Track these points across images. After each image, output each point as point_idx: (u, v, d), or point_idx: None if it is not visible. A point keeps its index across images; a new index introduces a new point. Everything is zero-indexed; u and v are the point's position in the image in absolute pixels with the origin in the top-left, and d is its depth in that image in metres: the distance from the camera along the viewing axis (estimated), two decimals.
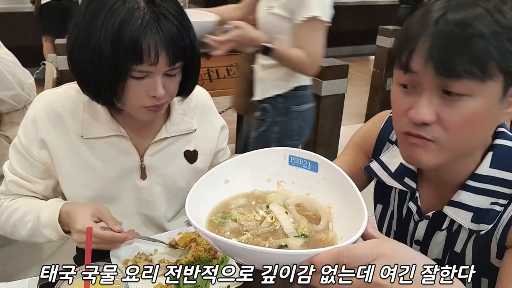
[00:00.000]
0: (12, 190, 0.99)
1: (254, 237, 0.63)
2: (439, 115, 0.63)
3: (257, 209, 0.68)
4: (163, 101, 0.89)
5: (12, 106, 1.77)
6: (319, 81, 2.27)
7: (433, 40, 0.60)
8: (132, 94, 0.85)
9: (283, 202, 0.69)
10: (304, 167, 0.71)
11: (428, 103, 0.63)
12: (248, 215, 0.67)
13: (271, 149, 0.74)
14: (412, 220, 0.83)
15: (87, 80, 0.86)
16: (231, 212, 0.67)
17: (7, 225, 0.98)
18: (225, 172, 0.72)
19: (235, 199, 0.71)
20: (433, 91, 0.63)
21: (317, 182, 0.69)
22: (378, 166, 0.86)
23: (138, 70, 0.81)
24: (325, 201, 0.68)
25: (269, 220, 0.66)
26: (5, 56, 1.73)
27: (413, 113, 0.64)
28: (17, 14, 4.47)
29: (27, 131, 0.96)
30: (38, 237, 0.94)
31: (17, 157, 0.97)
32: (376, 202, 0.94)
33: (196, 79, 0.97)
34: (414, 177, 0.81)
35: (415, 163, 0.72)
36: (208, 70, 2.54)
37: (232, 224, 0.65)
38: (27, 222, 0.94)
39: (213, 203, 0.69)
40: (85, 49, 0.81)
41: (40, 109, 0.96)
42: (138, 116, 0.92)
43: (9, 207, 0.97)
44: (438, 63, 0.60)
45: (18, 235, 0.98)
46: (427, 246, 0.81)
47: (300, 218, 0.66)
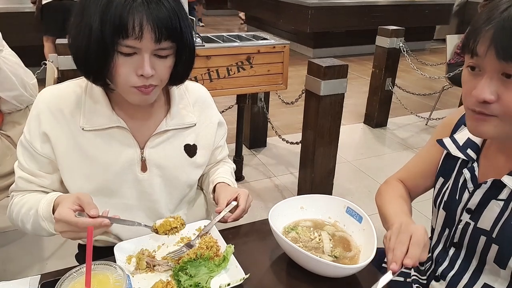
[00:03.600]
0: (22, 186, 1.01)
1: (303, 247, 0.94)
2: (499, 95, 0.73)
3: (314, 231, 1.00)
4: (151, 81, 0.88)
5: (14, 107, 1.77)
6: (318, 80, 2.27)
7: (496, 28, 0.70)
8: (121, 71, 0.86)
9: (332, 233, 1.00)
10: (354, 217, 1.00)
11: (489, 84, 0.73)
12: (306, 233, 0.99)
13: (337, 198, 1.05)
14: (467, 189, 0.90)
15: (81, 57, 0.87)
16: (298, 227, 1.00)
17: (17, 220, 1.00)
18: (301, 201, 1.06)
19: (305, 220, 1.04)
20: (494, 73, 0.72)
21: (358, 230, 0.98)
22: (449, 141, 0.97)
23: (125, 44, 0.82)
24: (359, 242, 0.96)
25: (317, 240, 0.97)
26: (9, 56, 1.73)
27: (476, 92, 0.74)
28: (18, 14, 4.47)
29: (31, 126, 0.98)
30: (40, 230, 0.95)
31: (24, 153, 1.00)
32: (439, 175, 1.01)
33: (189, 66, 0.97)
34: (476, 149, 0.92)
35: (477, 134, 0.81)
36: (208, 70, 2.54)
37: (293, 234, 0.99)
38: (30, 216, 0.95)
39: (290, 219, 1.03)
40: (79, 26, 0.85)
41: (42, 104, 0.98)
42: (129, 98, 0.92)
43: (19, 202, 0.99)
44: (499, 49, 0.69)
45: (26, 230, 0.99)
46: (479, 215, 0.87)
47: (339, 246, 0.96)
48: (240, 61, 2.68)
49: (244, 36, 3.18)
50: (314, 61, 2.34)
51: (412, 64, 3.93)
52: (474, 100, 0.75)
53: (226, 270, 0.89)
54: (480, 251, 0.87)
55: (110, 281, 0.71)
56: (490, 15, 0.72)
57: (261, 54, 2.74)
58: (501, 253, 0.82)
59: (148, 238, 0.96)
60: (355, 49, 7.04)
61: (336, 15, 6.35)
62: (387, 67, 3.78)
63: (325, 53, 6.67)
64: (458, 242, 0.92)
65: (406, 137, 3.80)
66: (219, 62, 2.58)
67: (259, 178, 3.01)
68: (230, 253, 0.89)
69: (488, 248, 0.84)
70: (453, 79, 3.75)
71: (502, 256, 0.82)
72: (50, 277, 0.83)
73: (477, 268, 0.88)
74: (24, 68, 1.82)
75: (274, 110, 3.97)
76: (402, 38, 3.71)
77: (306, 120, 2.49)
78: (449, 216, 0.94)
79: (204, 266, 0.88)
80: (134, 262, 0.90)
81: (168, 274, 0.88)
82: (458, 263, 0.93)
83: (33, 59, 2.98)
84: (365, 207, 0.99)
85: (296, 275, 0.88)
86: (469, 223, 0.89)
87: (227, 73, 2.65)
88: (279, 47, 2.81)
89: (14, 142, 1.79)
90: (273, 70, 2.81)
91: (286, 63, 2.83)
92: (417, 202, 1.14)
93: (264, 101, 3.23)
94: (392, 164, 3.21)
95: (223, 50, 2.62)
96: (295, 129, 3.67)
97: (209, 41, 2.79)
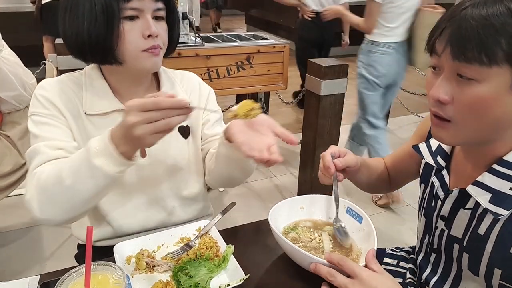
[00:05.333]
0: (49, 154, 0.89)
1: (303, 247, 0.94)
2: (454, 96, 0.70)
3: (314, 232, 1.00)
4: (158, 41, 0.93)
5: (14, 106, 1.77)
6: (318, 80, 2.27)
7: (454, 27, 0.68)
8: (129, 37, 0.90)
9: (333, 234, 0.98)
10: (354, 217, 0.99)
11: (445, 83, 0.71)
12: (306, 233, 0.99)
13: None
14: (439, 196, 0.89)
15: (85, 39, 0.89)
16: (297, 228, 1.00)
17: (47, 183, 0.84)
18: (301, 201, 1.05)
19: (304, 221, 1.03)
20: (451, 73, 0.70)
21: (358, 230, 0.97)
22: (424, 146, 0.95)
23: (130, 7, 0.89)
24: (359, 242, 0.95)
25: (317, 240, 0.97)
26: (8, 56, 1.73)
27: (432, 91, 0.73)
28: (17, 14, 4.48)
29: (44, 103, 0.95)
30: (86, 179, 0.80)
31: (41, 129, 0.93)
32: (421, 182, 1.00)
33: (178, 33, 1.04)
34: (445, 156, 0.90)
35: (438, 139, 0.80)
36: (208, 69, 2.54)
37: (293, 235, 0.98)
38: (74, 166, 0.81)
39: (289, 219, 1.02)
40: (77, 7, 0.88)
41: (48, 86, 0.98)
42: (141, 65, 0.94)
43: (47, 168, 0.87)
44: (454, 48, 0.68)
45: (62, 189, 0.82)
46: (451, 223, 0.86)
47: (339, 246, 0.95)
48: (240, 61, 2.68)
49: (244, 36, 3.18)
50: (314, 61, 2.34)
51: None
52: (431, 101, 0.74)
53: (226, 270, 0.88)
54: (456, 258, 0.86)
55: (109, 281, 0.71)
56: (452, 12, 0.70)
57: (261, 54, 2.74)
58: (472, 261, 0.81)
59: (148, 238, 0.96)
60: (355, 49, 7.04)
61: None
62: None
63: None
64: (437, 248, 0.92)
65: (407, 137, 3.78)
66: (219, 62, 2.58)
67: (259, 178, 3.01)
68: (230, 253, 0.89)
69: (461, 256, 0.84)
70: None
71: (473, 264, 0.81)
72: (50, 278, 0.83)
73: (457, 274, 0.87)
74: (24, 67, 1.82)
75: (274, 110, 3.97)
76: None
77: (306, 120, 2.49)
78: (428, 222, 0.94)
79: (203, 266, 0.88)
80: (134, 262, 0.89)
81: (167, 275, 0.87)
82: (440, 269, 0.92)
83: (32, 59, 2.98)
84: (365, 207, 0.99)
85: (296, 275, 0.88)
86: (444, 230, 0.88)
87: (227, 73, 2.65)
88: (279, 47, 2.81)
89: (13, 142, 1.79)
90: (273, 70, 2.81)
91: (286, 63, 2.83)
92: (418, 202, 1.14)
93: (264, 101, 3.23)
94: None
95: (223, 50, 2.62)
96: (295, 129, 3.67)
97: (209, 41, 2.79)
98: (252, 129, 0.87)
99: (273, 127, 0.87)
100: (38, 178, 0.85)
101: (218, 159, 1.01)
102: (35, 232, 2.32)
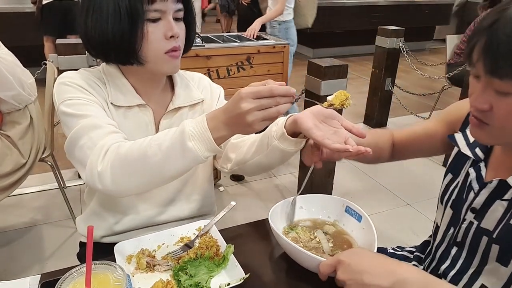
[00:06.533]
0: (110, 128, 0.91)
1: (303, 246, 0.94)
2: (492, 104, 0.72)
3: (314, 231, 1.00)
4: (179, 42, 0.96)
5: (13, 106, 1.77)
6: (318, 80, 2.27)
7: (486, 39, 0.67)
8: (152, 39, 0.92)
9: (333, 233, 0.99)
10: (354, 216, 0.99)
11: (483, 93, 0.72)
12: (306, 233, 0.99)
13: (337, 197, 1.04)
14: (472, 189, 0.89)
15: (109, 35, 0.90)
16: (297, 227, 1.00)
17: (130, 156, 0.82)
18: (301, 201, 1.04)
19: (304, 220, 1.04)
20: (487, 84, 0.71)
21: (358, 229, 0.97)
22: (461, 136, 0.95)
23: (154, 9, 0.90)
24: (359, 241, 0.96)
25: (317, 240, 0.97)
26: (6, 56, 1.73)
27: (472, 100, 0.75)
28: (18, 14, 4.48)
29: (78, 88, 0.95)
30: (176, 159, 0.80)
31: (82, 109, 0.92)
32: (448, 172, 1.00)
33: (194, 33, 1.06)
34: (485, 148, 0.90)
35: (475, 138, 0.82)
36: (208, 70, 2.54)
37: (293, 234, 0.98)
38: (158, 144, 0.81)
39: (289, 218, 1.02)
40: (100, 8, 0.89)
41: (73, 78, 0.97)
42: (162, 68, 0.97)
43: (125, 144, 0.85)
44: (487, 63, 0.68)
45: (144, 163, 0.82)
46: (483, 215, 0.86)
47: (339, 246, 0.96)
48: (240, 61, 2.69)
49: (244, 36, 3.18)
50: (314, 61, 2.35)
51: (412, 64, 3.93)
52: (471, 108, 0.76)
53: (226, 270, 0.89)
54: (482, 251, 0.86)
55: (110, 280, 0.71)
56: (489, 20, 0.69)
57: (261, 54, 2.74)
58: (502, 252, 0.82)
59: (148, 238, 0.96)
60: (355, 49, 7.04)
61: (336, 15, 6.35)
62: (387, 67, 3.78)
63: (325, 53, 6.67)
64: (460, 241, 0.92)
65: None
66: (219, 62, 2.58)
67: (259, 178, 3.01)
68: (230, 252, 0.89)
69: (489, 248, 0.84)
70: (452, 79, 3.76)
71: (503, 255, 0.82)
72: (50, 277, 0.83)
73: (477, 269, 0.88)
74: (22, 67, 1.82)
75: None
76: (402, 38, 3.71)
77: None
78: (455, 215, 0.94)
79: (204, 266, 0.88)
80: (134, 262, 0.90)
81: (168, 274, 0.88)
82: (460, 263, 0.93)
83: (33, 59, 2.98)
84: (364, 207, 0.99)
85: (296, 275, 0.89)
86: (473, 222, 0.88)
87: (227, 73, 2.65)
88: (279, 47, 2.82)
89: (14, 142, 1.79)
90: (273, 70, 2.82)
91: (286, 63, 2.84)
92: (418, 202, 1.15)
93: None
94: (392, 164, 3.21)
95: (223, 50, 2.62)
96: None
97: (209, 41, 2.79)
98: (323, 124, 0.88)
99: (341, 121, 0.90)
100: (116, 152, 0.84)
101: (268, 153, 0.97)
102: (36, 232, 2.32)
